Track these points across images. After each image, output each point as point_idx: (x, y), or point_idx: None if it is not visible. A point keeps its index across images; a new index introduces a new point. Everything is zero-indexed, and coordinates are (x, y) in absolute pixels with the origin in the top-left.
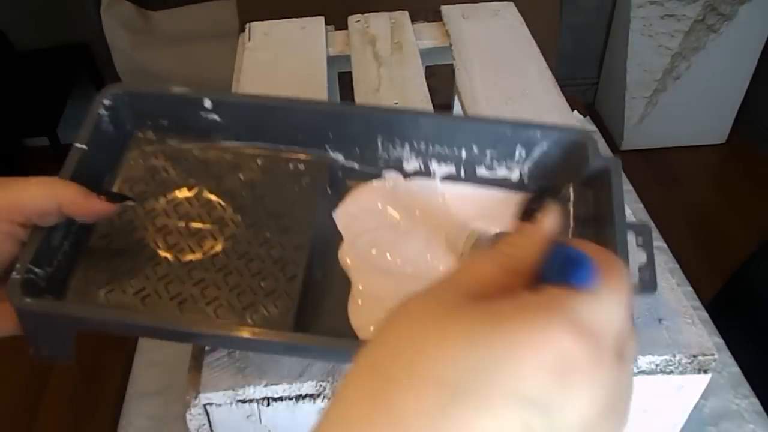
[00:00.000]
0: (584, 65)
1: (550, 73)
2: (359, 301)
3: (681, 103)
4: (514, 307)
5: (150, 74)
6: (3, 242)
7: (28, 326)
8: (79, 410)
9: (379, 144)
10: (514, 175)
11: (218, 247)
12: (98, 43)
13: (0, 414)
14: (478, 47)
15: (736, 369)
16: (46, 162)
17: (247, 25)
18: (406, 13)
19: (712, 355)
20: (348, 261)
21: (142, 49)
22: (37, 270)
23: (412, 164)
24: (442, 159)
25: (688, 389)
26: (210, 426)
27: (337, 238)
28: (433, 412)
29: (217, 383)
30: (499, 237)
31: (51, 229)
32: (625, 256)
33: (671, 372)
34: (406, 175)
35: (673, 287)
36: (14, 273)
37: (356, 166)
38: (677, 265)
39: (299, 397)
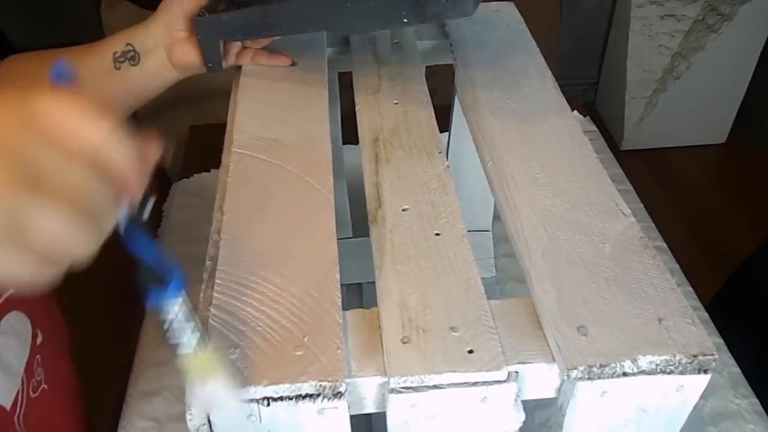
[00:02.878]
0: (584, 65)
1: (550, 73)
2: None
3: (681, 103)
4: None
5: None
6: None
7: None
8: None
9: None
10: None
11: None
12: None
13: None
14: (478, 47)
15: (736, 369)
16: None
17: None
18: None
19: (712, 355)
20: None
21: None
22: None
23: None
24: None
25: (688, 389)
26: (210, 426)
27: None
28: None
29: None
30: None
31: None
32: None
33: (671, 372)
34: None
35: (673, 287)
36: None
37: None
38: (677, 265)
39: (299, 397)
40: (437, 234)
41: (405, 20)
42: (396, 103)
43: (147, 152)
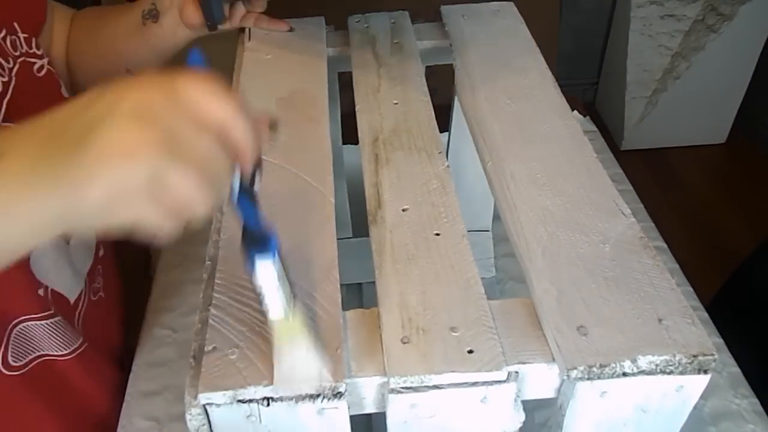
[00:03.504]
0: (584, 65)
1: (550, 73)
2: None
3: (681, 103)
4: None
5: None
6: None
7: None
8: None
9: None
10: None
11: None
12: None
13: None
14: (478, 47)
15: (736, 369)
16: None
17: None
18: (406, 13)
19: (712, 355)
20: None
21: None
22: None
23: None
24: None
25: (688, 389)
26: (210, 426)
27: None
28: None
29: (217, 383)
30: None
31: None
32: None
33: (671, 372)
34: None
35: (673, 287)
36: None
37: None
38: (677, 265)
39: (299, 397)
40: (437, 234)
41: None
42: (396, 103)
43: (259, 130)
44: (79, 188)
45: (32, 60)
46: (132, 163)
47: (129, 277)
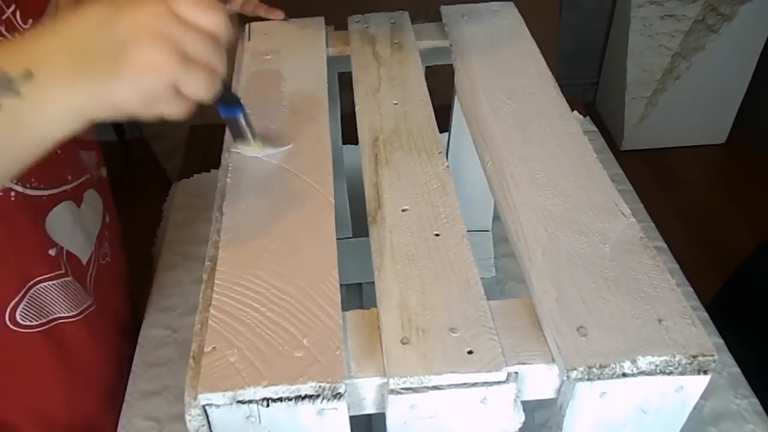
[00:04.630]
0: (584, 65)
1: (550, 73)
2: None
3: (681, 103)
4: None
5: None
6: None
7: None
8: None
9: None
10: None
11: None
12: None
13: None
14: (478, 47)
15: (736, 369)
16: None
17: (247, 25)
18: (406, 13)
19: (712, 355)
20: None
21: None
22: None
23: None
24: None
25: (688, 389)
26: (209, 427)
27: None
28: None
29: (217, 384)
30: None
31: None
32: None
33: (671, 372)
34: None
35: (673, 287)
36: None
37: None
38: (677, 265)
39: (299, 398)
40: (437, 234)
41: None
42: (396, 103)
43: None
44: (117, 95)
45: None
46: (159, 75)
47: (134, 248)
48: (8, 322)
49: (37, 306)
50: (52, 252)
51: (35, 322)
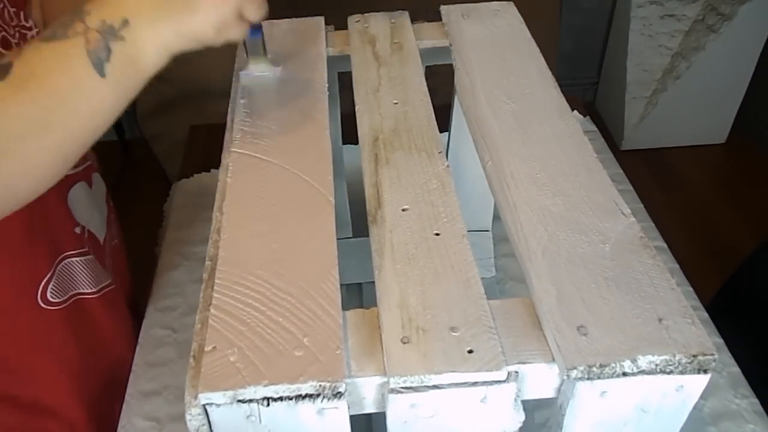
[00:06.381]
0: (584, 65)
1: (550, 73)
2: None
3: (681, 103)
4: None
5: None
6: None
7: None
8: None
9: None
10: None
11: None
12: None
13: None
14: (478, 47)
15: (736, 369)
16: None
17: None
18: (406, 13)
19: (712, 355)
20: None
21: None
22: None
23: None
24: None
25: (688, 389)
26: (210, 426)
27: None
28: None
29: (217, 383)
30: None
31: None
32: None
33: (671, 372)
34: None
35: (673, 287)
36: None
37: None
38: (677, 265)
39: (299, 397)
40: (437, 234)
41: None
42: (396, 103)
43: None
44: (196, 27)
45: (24, 32)
46: (228, 4)
47: (134, 248)
48: (40, 301)
49: (63, 282)
50: (77, 230)
51: (59, 299)
